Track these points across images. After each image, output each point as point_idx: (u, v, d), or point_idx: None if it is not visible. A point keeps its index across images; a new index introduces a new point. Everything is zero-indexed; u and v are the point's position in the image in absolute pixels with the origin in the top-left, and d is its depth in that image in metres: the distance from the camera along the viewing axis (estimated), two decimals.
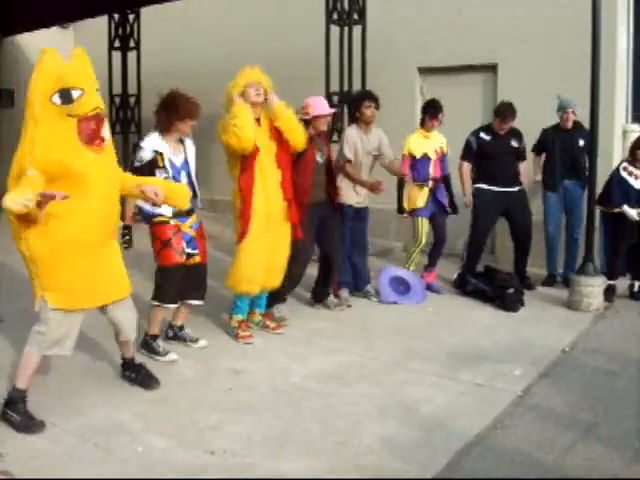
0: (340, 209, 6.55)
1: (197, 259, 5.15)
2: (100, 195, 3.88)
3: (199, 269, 5.21)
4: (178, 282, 5.04)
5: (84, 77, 3.80)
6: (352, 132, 6.67)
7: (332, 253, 6.39)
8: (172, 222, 4.99)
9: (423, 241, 7.09)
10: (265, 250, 5.42)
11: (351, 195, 6.64)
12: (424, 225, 7.05)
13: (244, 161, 5.30)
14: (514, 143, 7.18)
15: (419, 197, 6.99)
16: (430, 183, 6.99)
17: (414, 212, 7.06)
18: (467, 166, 7.24)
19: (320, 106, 6.02)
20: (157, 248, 5.01)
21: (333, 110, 6.23)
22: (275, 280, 5.66)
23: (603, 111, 6.63)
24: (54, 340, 3.94)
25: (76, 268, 3.85)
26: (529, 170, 7.46)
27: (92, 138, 3.83)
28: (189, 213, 5.08)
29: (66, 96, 3.70)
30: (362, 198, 6.74)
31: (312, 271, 6.60)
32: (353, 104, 6.94)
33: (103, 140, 3.89)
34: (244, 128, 5.12)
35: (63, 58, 3.79)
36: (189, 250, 5.08)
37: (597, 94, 6.43)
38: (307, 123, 5.93)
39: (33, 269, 3.88)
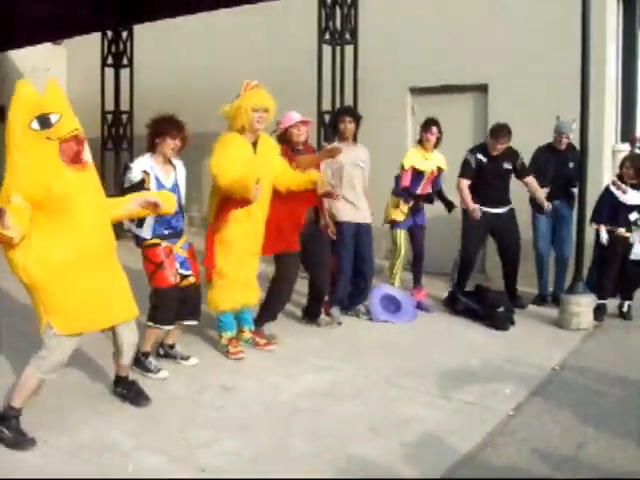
0: (339, 229, 6.48)
1: (191, 280, 5.15)
2: (89, 213, 3.92)
3: (194, 290, 5.20)
4: (174, 303, 5.02)
5: (60, 103, 3.89)
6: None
7: (318, 272, 6.32)
8: (164, 244, 4.99)
9: (402, 251, 7.09)
10: (236, 266, 5.40)
11: (347, 211, 6.55)
12: (402, 236, 7.07)
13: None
14: (506, 165, 7.17)
15: (399, 211, 7.01)
16: (411, 202, 6.99)
17: (393, 225, 7.09)
18: (466, 182, 7.18)
19: (287, 119, 5.99)
20: (150, 271, 5.00)
21: (301, 118, 6.02)
22: (253, 293, 5.63)
23: (593, 131, 6.68)
24: (55, 364, 3.95)
25: (77, 290, 3.88)
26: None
27: (74, 159, 3.90)
28: (179, 234, 5.10)
29: (45, 121, 3.78)
30: (362, 213, 6.64)
31: (302, 288, 6.63)
32: (333, 120, 7.01)
33: (85, 162, 3.97)
34: (249, 188, 5.09)
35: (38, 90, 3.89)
36: (183, 271, 5.08)
37: (587, 114, 6.49)
38: (284, 138, 5.96)
39: (36, 296, 3.90)
